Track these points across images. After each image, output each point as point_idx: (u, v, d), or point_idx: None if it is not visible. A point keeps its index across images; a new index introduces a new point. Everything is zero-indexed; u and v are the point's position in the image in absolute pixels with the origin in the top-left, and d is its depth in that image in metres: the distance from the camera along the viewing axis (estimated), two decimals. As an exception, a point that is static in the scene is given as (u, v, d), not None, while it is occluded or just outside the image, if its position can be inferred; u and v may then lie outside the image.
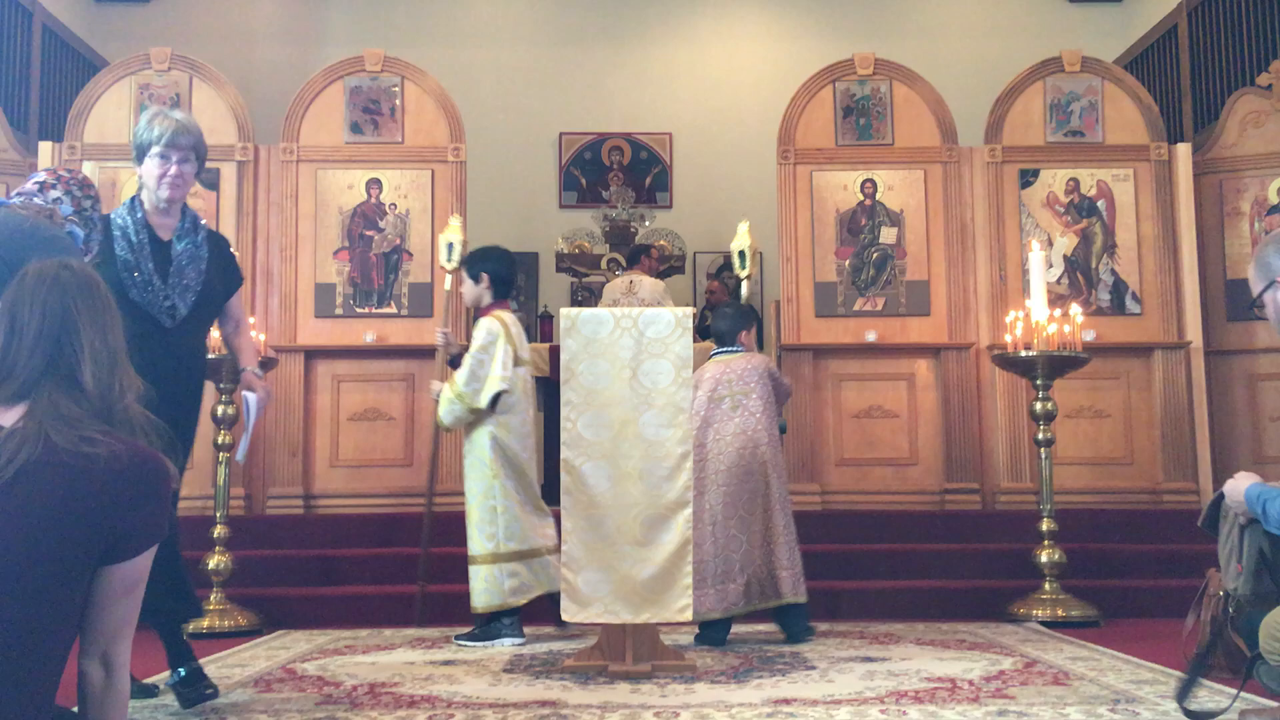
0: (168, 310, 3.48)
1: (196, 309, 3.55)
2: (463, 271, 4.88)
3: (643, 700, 3.40)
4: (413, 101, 6.70)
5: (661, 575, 3.84)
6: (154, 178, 3.51)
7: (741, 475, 4.48)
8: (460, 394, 4.58)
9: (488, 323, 4.64)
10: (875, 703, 3.34)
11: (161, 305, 3.46)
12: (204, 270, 3.57)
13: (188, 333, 3.55)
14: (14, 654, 1.81)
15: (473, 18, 9.71)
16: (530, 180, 9.46)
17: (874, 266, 6.60)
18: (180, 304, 3.50)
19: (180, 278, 3.52)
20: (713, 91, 9.56)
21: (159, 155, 3.50)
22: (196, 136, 3.58)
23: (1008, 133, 6.72)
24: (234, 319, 3.83)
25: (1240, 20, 7.59)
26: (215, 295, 3.64)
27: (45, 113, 7.89)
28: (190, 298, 3.52)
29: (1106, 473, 6.43)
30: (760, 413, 4.56)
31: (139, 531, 1.93)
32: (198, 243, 3.59)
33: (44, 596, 1.84)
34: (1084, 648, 4.36)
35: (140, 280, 3.46)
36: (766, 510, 4.47)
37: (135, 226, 3.51)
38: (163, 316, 3.47)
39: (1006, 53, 8.47)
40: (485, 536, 4.60)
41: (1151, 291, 6.57)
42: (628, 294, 7.28)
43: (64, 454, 1.87)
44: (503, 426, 4.62)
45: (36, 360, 1.96)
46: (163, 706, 3.42)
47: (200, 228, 3.64)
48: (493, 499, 4.61)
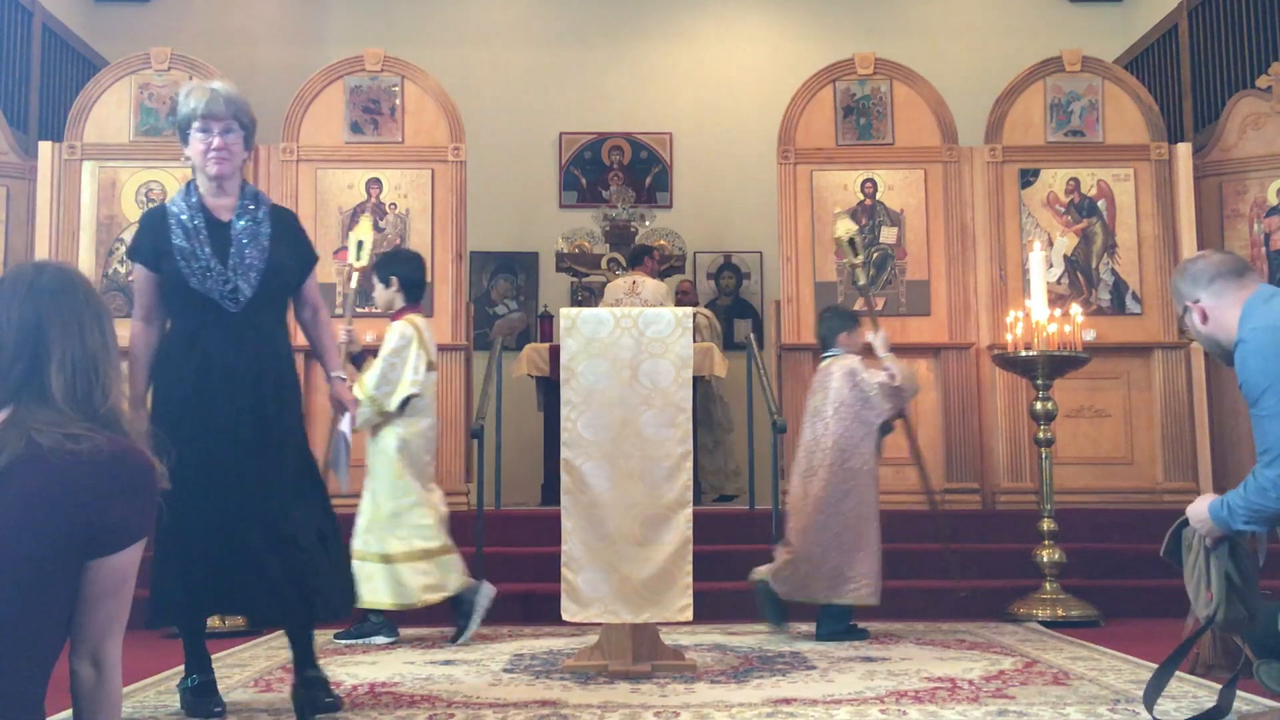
0: (229, 294, 3.19)
1: (264, 289, 3.24)
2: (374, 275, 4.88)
3: (643, 700, 3.40)
4: (413, 101, 6.70)
5: (662, 575, 3.84)
6: (199, 155, 3.26)
7: (804, 477, 4.71)
8: (371, 396, 4.60)
9: (401, 327, 4.67)
10: (875, 703, 3.34)
11: (222, 289, 3.18)
12: (267, 247, 3.26)
13: (258, 318, 3.24)
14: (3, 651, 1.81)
15: (473, 18, 9.71)
16: (530, 180, 9.45)
17: (874, 266, 6.60)
18: (243, 285, 3.20)
19: (241, 258, 3.22)
20: (713, 91, 9.56)
21: (199, 130, 3.25)
22: (237, 103, 3.30)
23: (1008, 132, 6.73)
24: (310, 304, 3.48)
25: (1241, 20, 7.59)
26: (284, 273, 3.32)
27: (45, 113, 7.89)
28: (254, 277, 3.21)
29: (1106, 473, 6.43)
30: (830, 417, 4.69)
31: (122, 525, 1.93)
32: (258, 219, 3.30)
33: (31, 594, 1.84)
34: (1084, 648, 4.36)
35: (198, 267, 3.19)
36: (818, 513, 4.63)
37: (190, 211, 3.26)
38: (225, 301, 3.19)
39: (1006, 53, 8.47)
40: (396, 537, 4.59)
41: (1152, 291, 6.57)
42: (631, 294, 7.28)
43: (47, 452, 1.87)
44: (410, 429, 4.66)
45: (18, 369, 1.97)
46: (162, 706, 3.42)
47: (262, 203, 3.36)
48: (403, 497, 4.62)
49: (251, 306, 3.22)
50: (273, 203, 3.41)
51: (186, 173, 6.52)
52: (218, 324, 3.19)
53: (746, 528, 6.00)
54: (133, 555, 1.97)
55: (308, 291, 3.45)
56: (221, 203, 3.29)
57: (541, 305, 9.11)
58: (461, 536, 5.63)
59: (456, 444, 6.38)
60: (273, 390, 3.23)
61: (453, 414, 6.38)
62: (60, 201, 6.45)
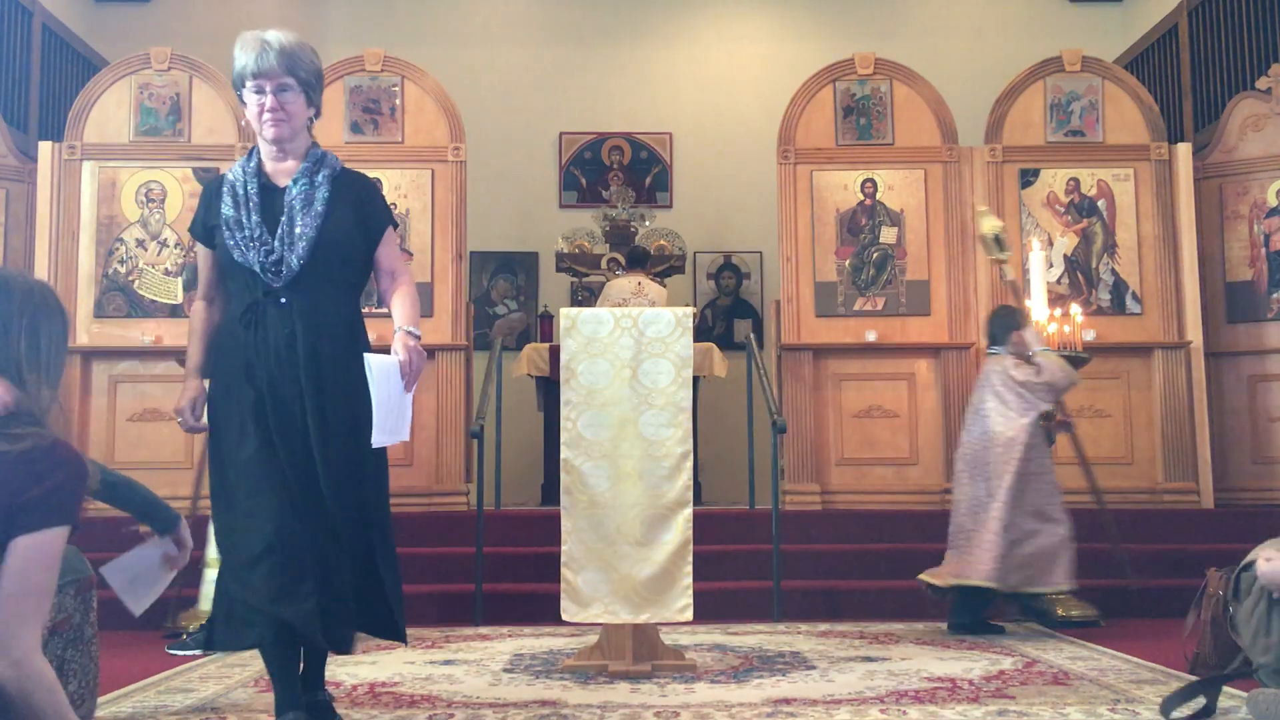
0: (273, 266, 2.87)
1: (316, 261, 2.89)
2: None
3: (643, 700, 3.40)
4: (413, 101, 6.70)
5: (662, 575, 3.84)
6: (254, 118, 2.96)
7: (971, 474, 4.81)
8: None
9: None
10: (875, 703, 3.34)
11: (266, 260, 2.86)
12: (321, 213, 2.92)
13: (311, 293, 2.90)
14: None
15: (473, 18, 9.71)
16: (530, 180, 9.45)
17: (874, 266, 6.60)
18: (290, 256, 2.87)
19: (290, 226, 2.90)
20: (713, 91, 9.56)
21: (252, 90, 2.95)
22: (294, 55, 2.98)
23: (1008, 132, 6.73)
24: (386, 270, 3.10)
25: (1241, 20, 7.59)
26: (345, 243, 2.96)
27: (45, 113, 7.89)
28: (303, 247, 2.87)
29: (1106, 473, 6.40)
30: (994, 413, 4.78)
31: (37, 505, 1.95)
32: (315, 183, 2.96)
33: None
34: (1084, 648, 4.36)
35: (243, 238, 2.89)
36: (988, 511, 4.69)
37: (246, 177, 2.96)
38: (268, 275, 2.87)
39: (1006, 53, 8.47)
40: None
41: (1152, 291, 6.57)
42: (638, 294, 7.27)
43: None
44: None
45: None
46: (163, 706, 3.42)
47: (324, 164, 3.01)
48: None
49: (305, 281, 2.89)
50: (343, 167, 3.09)
51: (187, 173, 6.59)
52: (268, 302, 2.88)
53: (746, 528, 6.01)
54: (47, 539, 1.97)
55: (383, 259, 3.09)
56: (282, 167, 3.00)
57: (541, 305, 9.11)
58: (461, 536, 5.65)
59: (456, 444, 6.38)
60: (328, 376, 2.88)
61: (453, 414, 6.38)
62: (60, 201, 6.45)
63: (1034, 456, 4.74)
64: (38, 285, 2.20)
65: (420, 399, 6.37)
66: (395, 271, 3.12)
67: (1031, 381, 4.77)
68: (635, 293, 7.30)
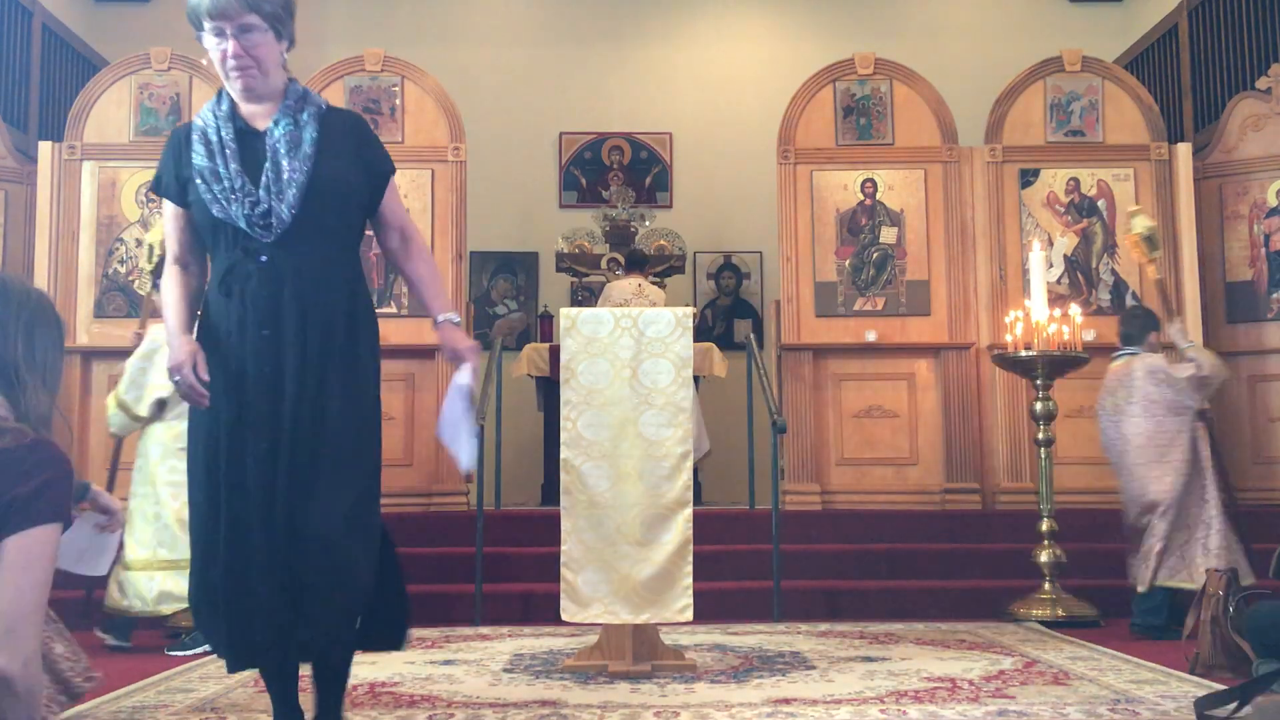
0: (260, 219, 2.50)
1: (309, 210, 2.53)
2: None
3: (643, 700, 3.40)
4: (413, 101, 6.70)
5: (662, 575, 3.84)
6: (218, 65, 2.58)
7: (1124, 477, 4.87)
8: (121, 401, 4.57)
9: (155, 330, 4.60)
10: (875, 702, 3.34)
11: (253, 214, 2.50)
12: (311, 155, 2.55)
13: (307, 250, 2.54)
14: None
15: (473, 18, 9.71)
16: (530, 180, 9.45)
17: (874, 266, 6.60)
18: (278, 206, 2.51)
19: (276, 172, 2.53)
20: (713, 91, 9.55)
21: (211, 33, 2.55)
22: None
23: (1008, 132, 6.72)
24: (394, 226, 2.72)
25: (1241, 20, 7.59)
26: (340, 189, 2.59)
27: (45, 113, 7.88)
28: (293, 195, 2.51)
29: (1107, 472, 6.36)
30: (1139, 415, 4.78)
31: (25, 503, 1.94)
32: (300, 122, 2.59)
33: None
34: (1084, 648, 4.36)
35: (221, 190, 2.52)
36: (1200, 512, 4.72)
37: (219, 122, 2.59)
38: (255, 230, 2.51)
39: (1006, 53, 8.46)
40: (138, 543, 4.53)
41: (1152, 291, 6.55)
42: (638, 295, 7.27)
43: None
44: (170, 433, 4.54)
45: None
46: (163, 706, 3.42)
47: (309, 103, 2.63)
48: (155, 506, 4.56)
49: (295, 235, 2.53)
50: (329, 104, 2.71)
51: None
52: (253, 261, 2.52)
53: (746, 528, 6.01)
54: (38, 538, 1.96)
55: (388, 213, 2.71)
56: (260, 109, 2.61)
57: (541, 305, 9.11)
58: (461, 536, 5.65)
59: (456, 444, 6.37)
60: (320, 345, 2.52)
61: (453, 414, 6.37)
62: (60, 201, 6.45)
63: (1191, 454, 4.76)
64: (35, 292, 2.21)
65: (420, 399, 6.39)
66: (405, 230, 2.73)
67: (1194, 376, 4.74)
68: (636, 294, 7.30)
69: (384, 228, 2.74)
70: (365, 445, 2.58)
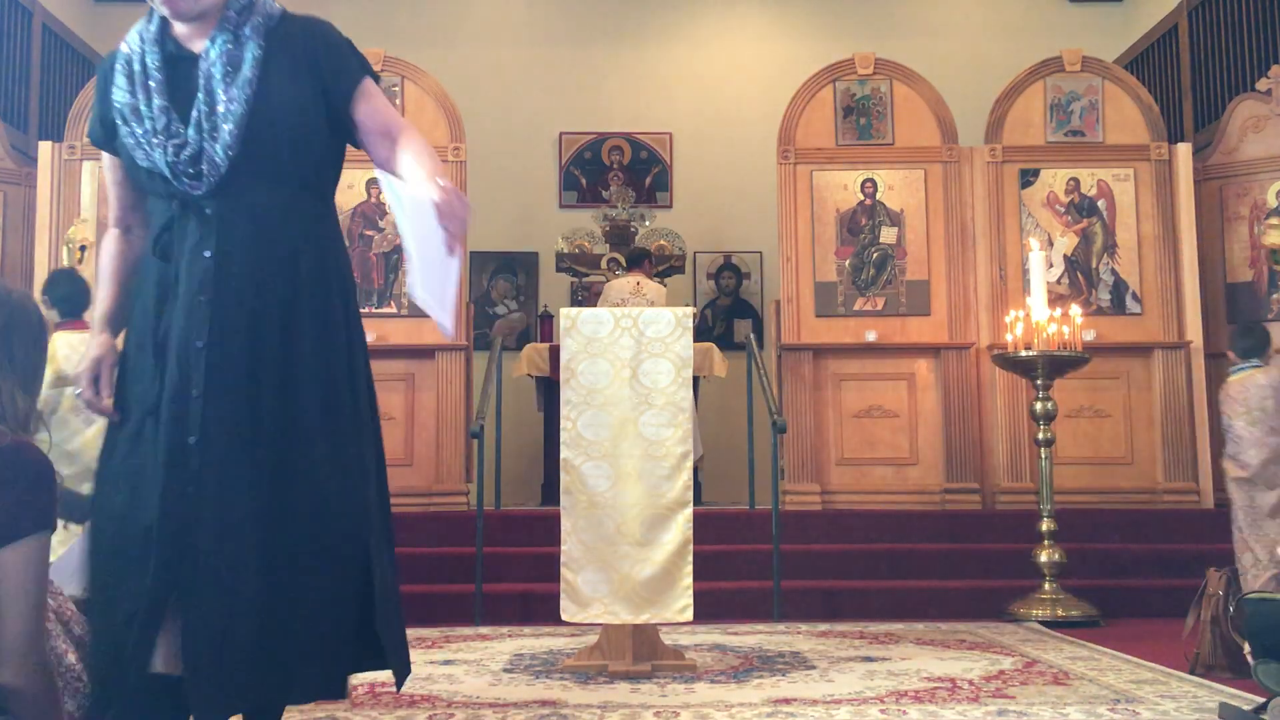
0: (188, 164, 2.04)
1: (253, 152, 2.07)
2: None
3: (643, 700, 3.40)
4: (413, 101, 6.70)
5: (662, 575, 3.84)
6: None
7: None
8: None
9: None
10: (875, 703, 3.34)
11: (179, 159, 2.04)
12: (253, 79, 2.08)
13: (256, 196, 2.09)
14: None
15: (473, 18, 9.71)
16: (530, 180, 9.45)
17: (874, 266, 6.60)
18: (211, 147, 2.04)
19: (210, 104, 2.06)
20: (713, 91, 9.55)
21: None
22: None
23: (1008, 132, 6.73)
24: (378, 131, 2.20)
25: (1241, 20, 7.59)
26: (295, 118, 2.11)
27: (45, 113, 7.89)
28: (229, 132, 2.04)
29: (1106, 473, 6.43)
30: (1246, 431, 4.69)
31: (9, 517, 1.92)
32: (241, 38, 2.11)
33: None
34: (1084, 648, 4.36)
35: (145, 131, 2.07)
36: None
37: (145, 47, 2.13)
38: (182, 179, 2.05)
39: (1006, 53, 8.47)
40: None
41: (1152, 291, 6.57)
42: (636, 294, 7.25)
43: None
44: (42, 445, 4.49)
45: None
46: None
47: (255, 12, 2.14)
48: None
49: (240, 181, 2.07)
50: (285, 11, 2.21)
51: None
52: (193, 216, 2.07)
53: (746, 528, 6.01)
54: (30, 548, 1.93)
55: (368, 118, 2.20)
56: (192, 27, 2.13)
57: (541, 305, 9.11)
58: (461, 537, 5.65)
59: (456, 444, 6.38)
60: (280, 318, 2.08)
61: (453, 414, 6.38)
62: (60, 201, 6.45)
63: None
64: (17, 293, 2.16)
65: (420, 399, 6.38)
66: (391, 128, 2.20)
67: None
68: (634, 292, 7.28)
69: (370, 137, 2.21)
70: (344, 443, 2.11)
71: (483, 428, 5.47)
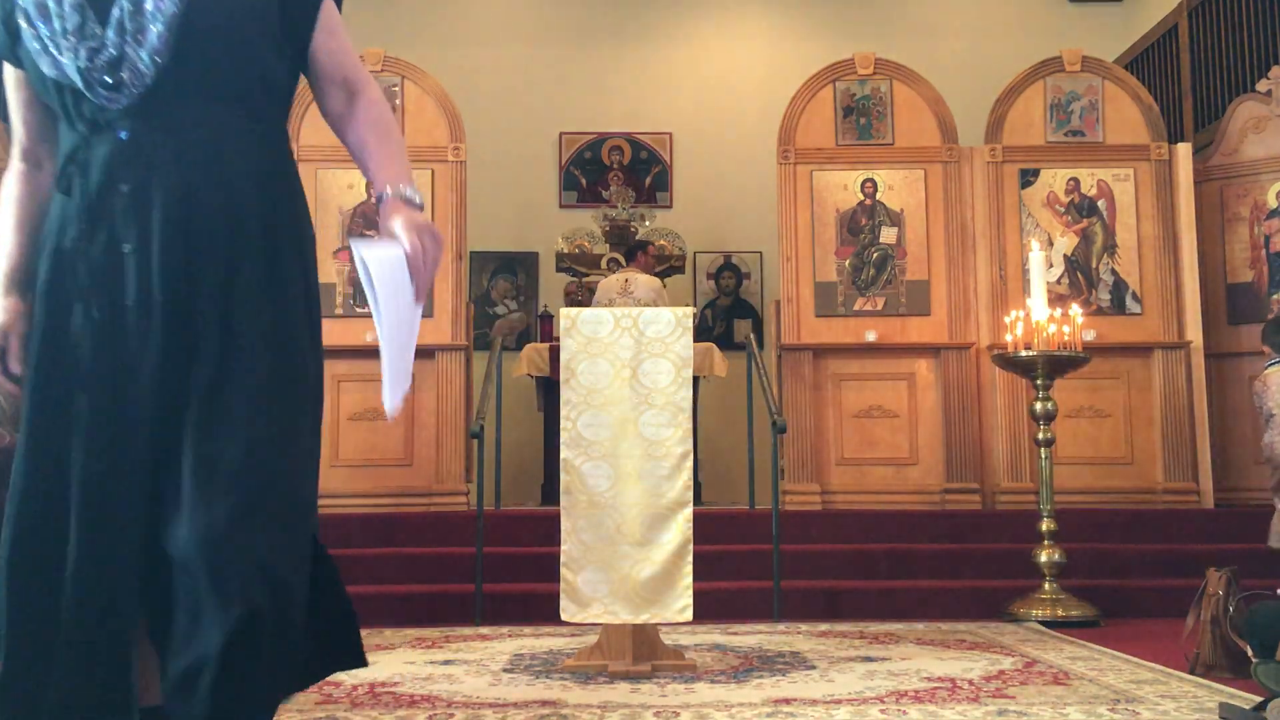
0: (104, 70, 1.65)
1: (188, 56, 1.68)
2: None
3: (643, 700, 3.40)
4: (413, 101, 6.70)
5: (662, 575, 3.84)
6: None
7: None
8: None
9: None
10: (875, 702, 3.34)
11: (94, 64, 1.65)
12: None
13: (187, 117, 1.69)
14: None
15: (473, 18, 9.71)
16: (530, 180, 9.45)
17: (874, 266, 6.61)
18: (135, 51, 1.66)
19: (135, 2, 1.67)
20: (713, 91, 9.55)
21: None
22: None
23: (1008, 132, 6.73)
24: (335, 79, 1.85)
25: (1241, 20, 7.60)
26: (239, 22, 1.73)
27: (45, 112, 7.88)
28: (157, 31, 1.66)
29: (1106, 472, 6.43)
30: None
31: None
32: None
33: None
34: (1084, 648, 4.36)
35: (52, 33, 1.68)
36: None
37: None
38: (98, 90, 1.66)
39: (1006, 53, 8.47)
40: None
41: (1152, 291, 6.57)
42: (623, 293, 7.19)
43: None
44: None
45: None
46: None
47: None
48: None
49: (168, 97, 1.68)
50: None
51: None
52: (106, 140, 1.69)
53: (746, 528, 6.01)
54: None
55: (328, 60, 1.84)
56: None
57: (541, 305, 9.11)
58: (461, 537, 5.65)
59: (456, 444, 6.38)
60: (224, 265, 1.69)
61: (453, 414, 6.38)
62: (60, 201, 6.45)
63: None
64: None
65: (420, 399, 6.37)
66: (351, 81, 1.85)
67: None
68: (621, 291, 7.13)
69: (326, 83, 1.85)
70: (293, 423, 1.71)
71: (483, 428, 5.47)
